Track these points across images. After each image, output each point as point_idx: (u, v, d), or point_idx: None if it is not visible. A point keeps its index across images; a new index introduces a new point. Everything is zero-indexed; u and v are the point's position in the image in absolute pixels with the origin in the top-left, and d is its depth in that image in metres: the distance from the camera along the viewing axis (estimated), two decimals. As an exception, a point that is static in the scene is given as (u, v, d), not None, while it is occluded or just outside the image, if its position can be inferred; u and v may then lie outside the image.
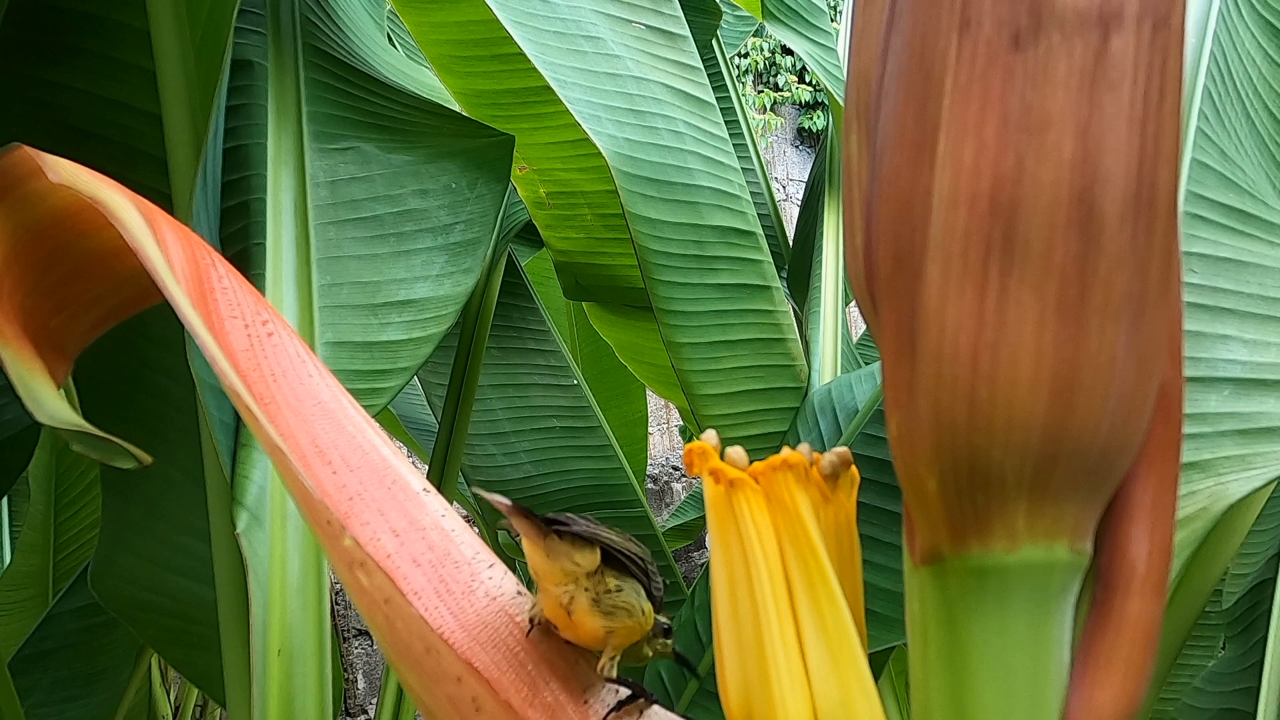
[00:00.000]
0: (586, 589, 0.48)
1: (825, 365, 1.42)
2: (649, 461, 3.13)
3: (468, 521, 0.54)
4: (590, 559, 0.48)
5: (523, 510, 0.48)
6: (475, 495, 1.49)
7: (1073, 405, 0.38)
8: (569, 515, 0.49)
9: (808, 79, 6.81)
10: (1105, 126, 0.37)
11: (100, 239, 0.61)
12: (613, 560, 0.48)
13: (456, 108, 1.29)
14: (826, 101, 1.70)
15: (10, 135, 0.63)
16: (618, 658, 0.50)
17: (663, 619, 0.52)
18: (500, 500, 0.48)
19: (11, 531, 1.68)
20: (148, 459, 0.53)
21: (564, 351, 1.49)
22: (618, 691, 0.51)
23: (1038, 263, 0.37)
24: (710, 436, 0.45)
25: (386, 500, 0.52)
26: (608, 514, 1.47)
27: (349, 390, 0.57)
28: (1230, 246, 0.88)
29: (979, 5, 0.37)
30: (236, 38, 1.00)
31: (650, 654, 0.51)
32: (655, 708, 0.51)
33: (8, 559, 1.64)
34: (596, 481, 1.49)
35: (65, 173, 0.57)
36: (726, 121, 1.27)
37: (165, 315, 0.56)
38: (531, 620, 0.50)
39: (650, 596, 0.49)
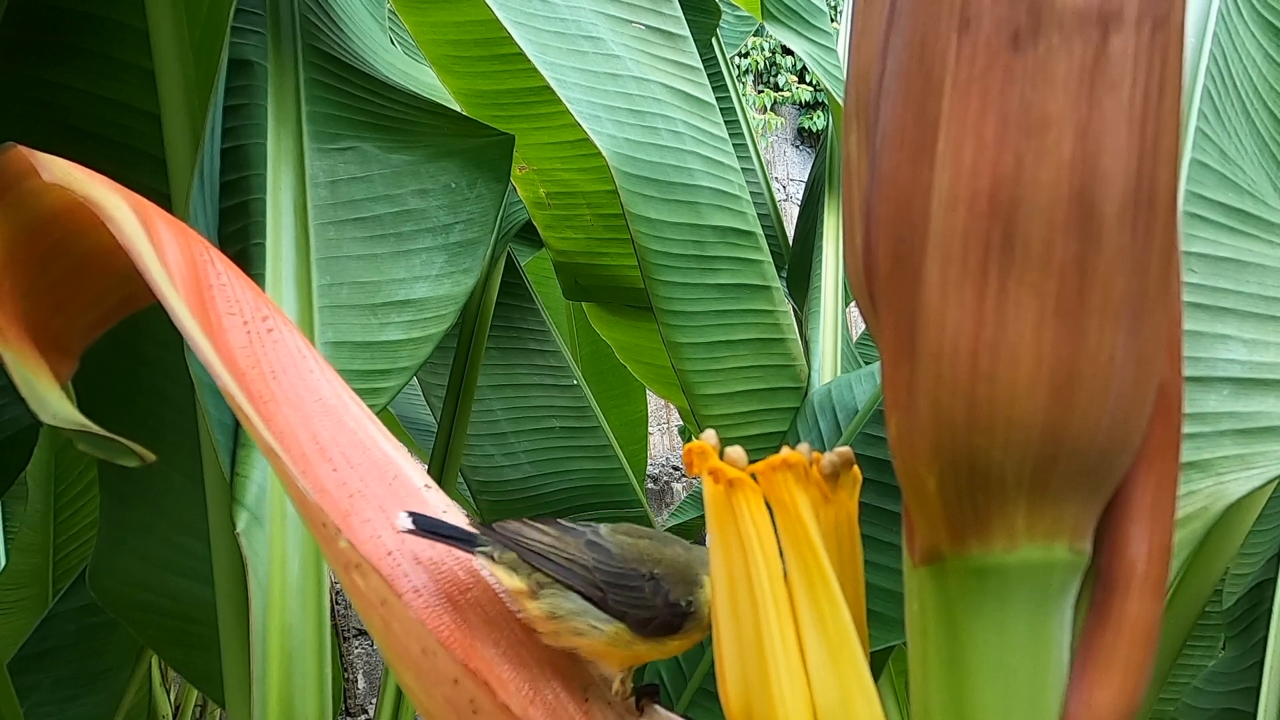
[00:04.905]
0: (534, 600, 0.48)
1: (825, 365, 1.42)
2: (649, 461, 3.12)
3: (470, 520, 0.54)
4: (509, 578, 0.48)
5: (440, 533, 0.48)
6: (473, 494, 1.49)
7: (1072, 405, 0.38)
8: (487, 525, 0.49)
9: (808, 79, 6.81)
10: (1105, 126, 0.36)
11: (98, 236, 0.61)
12: (555, 572, 0.48)
13: (456, 107, 1.29)
14: (826, 101, 1.70)
15: (10, 135, 0.63)
16: (621, 676, 0.49)
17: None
18: (404, 525, 0.48)
19: (8, 531, 1.68)
20: (151, 456, 0.53)
21: (564, 352, 1.49)
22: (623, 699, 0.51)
23: (1037, 263, 0.37)
24: (710, 436, 0.45)
25: (388, 497, 0.52)
26: (607, 514, 1.47)
27: (348, 390, 0.57)
28: (1230, 246, 0.88)
29: (979, 5, 0.37)
30: (236, 38, 1.00)
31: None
32: (656, 708, 0.51)
33: (2, 559, 1.64)
34: (596, 481, 1.49)
35: (58, 171, 0.57)
36: (726, 121, 1.27)
37: (163, 314, 0.56)
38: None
39: (609, 610, 0.48)
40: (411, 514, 0.48)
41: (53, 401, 0.54)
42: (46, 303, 0.62)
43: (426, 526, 0.48)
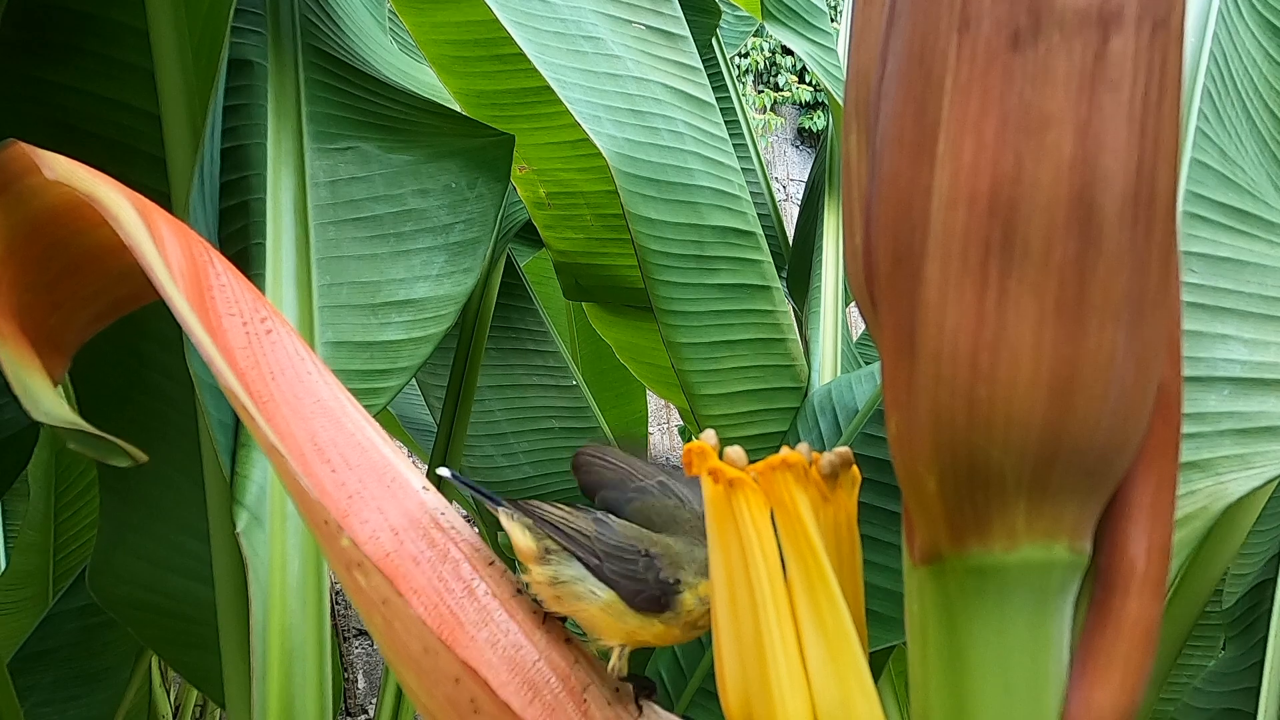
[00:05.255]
0: (540, 564, 0.50)
1: (825, 365, 1.42)
2: (649, 461, 3.11)
3: (467, 521, 0.54)
4: (522, 538, 0.51)
5: (473, 486, 0.53)
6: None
7: (1071, 405, 0.38)
8: (524, 502, 0.52)
9: (808, 79, 6.81)
10: (1105, 126, 0.36)
11: (97, 235, 0.61)
12: (560, 539, 0.50)
13: (456, 107, 1.29)
14: (826, 101, 1.70)
15: (9, 134, 0.63)
16: (619, 652, 0.50)
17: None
18: (445, 474, 0.54)
19: (8, 531, 1.68)
20: (143, 457, 0.53)
21: (563, 352, 1.49)
22: (616, 690, 0.51)
23: (1037, 262, 0.37)
24: (709, 436, 0.45)
25: (386, 498, 0.52)
26: (607, 514, 1.46)
27: (349, 390, 0.57)
28: (1230, 246, 0.88)
29: (979, 5, 0.37)
30: (236, 37, 1.00)
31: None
32: (656, 707, 0.51)
33: (3, 559, 1.64)
34: (596, 481, 1.48)
35: (62, 169, 0.57)
36: (726, 121, 1.27)
37: (163, 314, 0.55)
38: (519, 589, 0.51)
39: (604, 578, 0.49)
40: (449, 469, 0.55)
41: (45, 399, 0.54)
42: (44, 300, 0.62)
43: (461, 480, 0.55)
